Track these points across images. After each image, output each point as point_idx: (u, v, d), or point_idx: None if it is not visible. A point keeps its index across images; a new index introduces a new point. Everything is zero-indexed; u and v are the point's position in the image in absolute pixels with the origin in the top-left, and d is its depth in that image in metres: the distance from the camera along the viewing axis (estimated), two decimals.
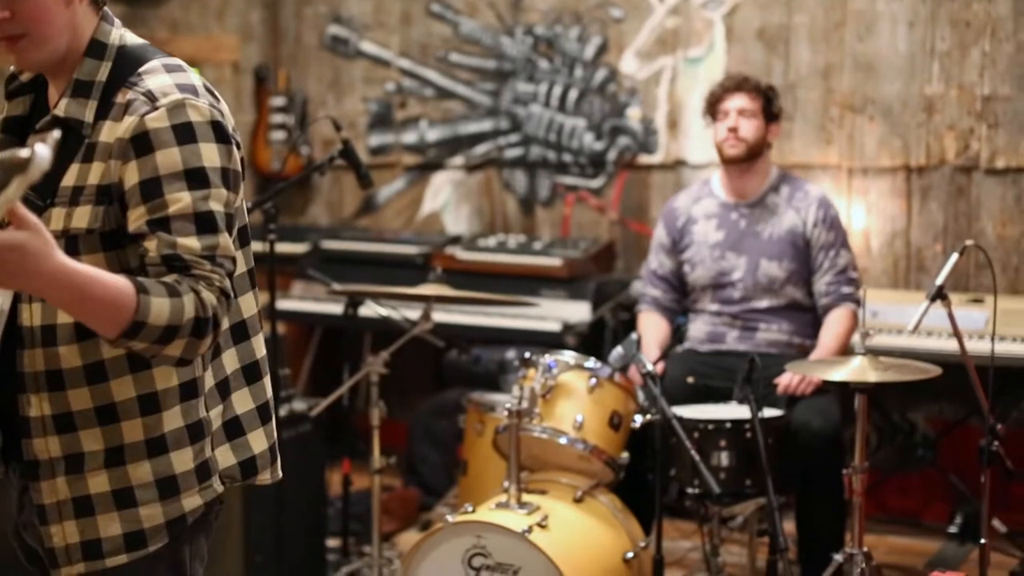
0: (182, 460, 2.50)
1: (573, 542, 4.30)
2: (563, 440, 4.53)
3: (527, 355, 4.69)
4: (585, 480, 4.63)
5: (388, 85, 7.33)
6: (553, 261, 6.46)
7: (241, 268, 2.58)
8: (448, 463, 6.10)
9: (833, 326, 5.20)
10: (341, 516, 5.32)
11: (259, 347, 2.64)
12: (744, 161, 5.30)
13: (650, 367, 4.43)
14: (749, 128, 5.26)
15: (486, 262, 6.60)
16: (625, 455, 4.68)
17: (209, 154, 2.41)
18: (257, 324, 2.65)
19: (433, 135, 7.26)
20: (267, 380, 2.65)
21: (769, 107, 5.30)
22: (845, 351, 5.07)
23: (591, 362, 4.66)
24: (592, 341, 6.19)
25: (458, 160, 7.22)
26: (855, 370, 4.39)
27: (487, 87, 7.11)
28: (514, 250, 6.63)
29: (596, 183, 6.92)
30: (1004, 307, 5.63)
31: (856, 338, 4.54)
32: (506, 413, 4.43)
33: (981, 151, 6.10)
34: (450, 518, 4.31)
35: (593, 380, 4.61)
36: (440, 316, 5.95)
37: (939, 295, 4.54)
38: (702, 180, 5.57)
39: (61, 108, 2.46)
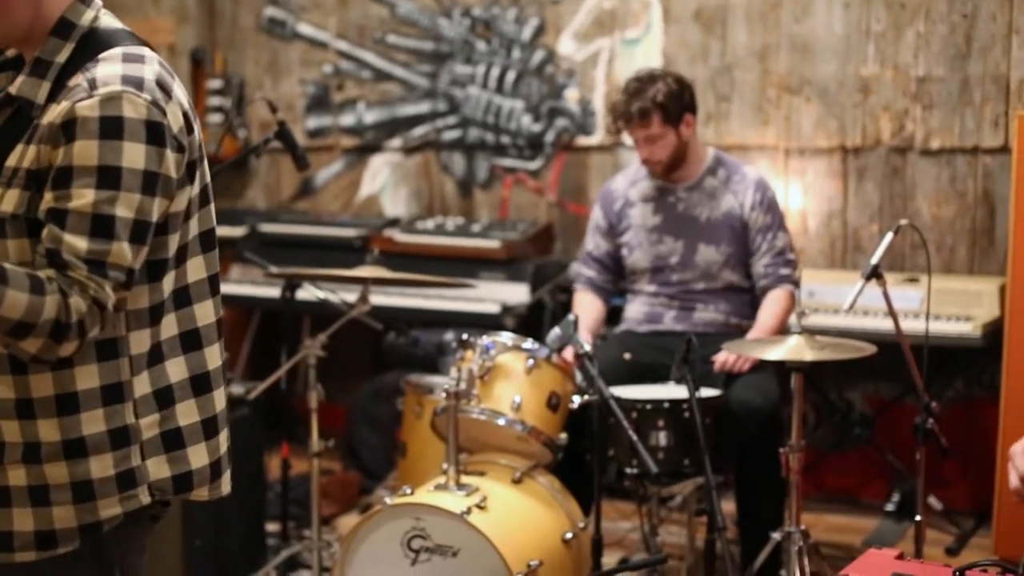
0: (101, 466, 2.40)
1: (512, 523, 4.30)
2: (501, 421, 4.53)
3: (465, 337, 4.68)
4: (524, 461, 4.64)
5: (325, 67, 7.30)
6: (492, 243, 6.46)
7: (200, 274, 2.51)
8: (388, 446, 6.09)
9: (771, 307, 5.22)
10: (280, 500, 5.30)
11: (212, 358, 2.54)
12: (671, 170, 5.31)
13: (587, 348, 4.43)
14: (662, 150, 5.21)
15: (424, 244, 6.60)
16: (563, 436, 4.68)
17: (132, 155, 2.31)
18: (214, 334, 2.55)
19: (371, 117, 7.24)
20: (218, 393, 2.56)
21: (680, 111, 5.22)
22: (782, 331, 5.09)
23: (529, 343, 4.66)
24: (531, 323, 6.20)
25: (396, 142, 7.21)
26: (791, 349, 4.42)
27: (425, 69, 7.10)
28: (452, 232, 6.63)
29: (534, 165, 6.92)
30: (939, 286, 5.68)
31: (793, 318, 4.57)
32: (444, 395, 4.42)
33: (916, 132, 6.14)
34: (389, 500, 4.30)
35: (531, 361, 4.61)
36: (379, 299, 5.94)
37: (874, 274, 4.57)
38: (639, 162, 5.56)
39: (15, 86, 2.41)
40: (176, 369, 2.49)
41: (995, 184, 6.00)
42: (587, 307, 5.39)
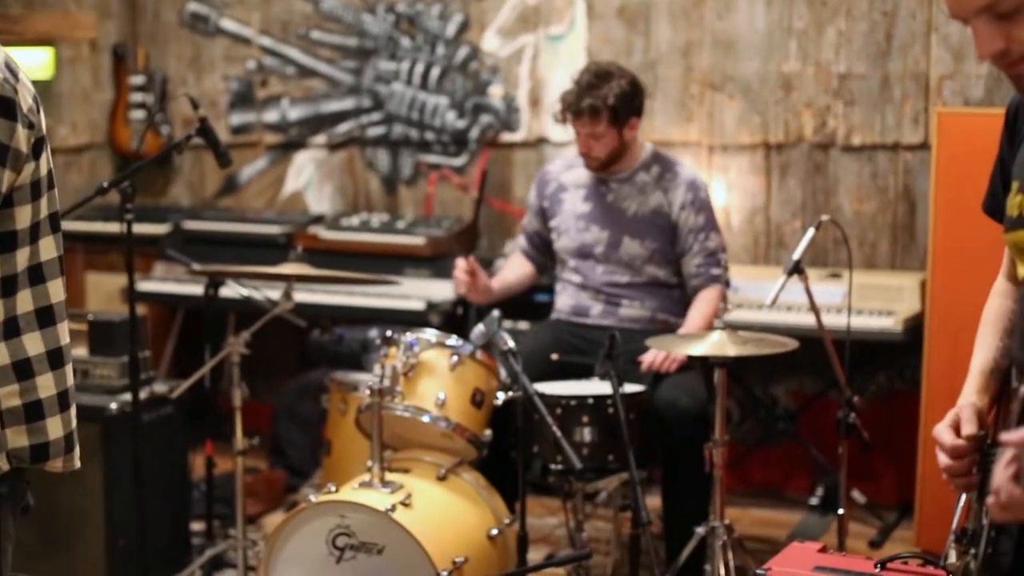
0: None
1: (437, 520, 4.30)
2: (425, 418, 4.53)
3: (388, 334, 4.67)
4: (448, 458, 4.63)
5: (249, 63, 7.27)
6: (416, 240, 6.46)
7: (52, 254, 2.56)
8: (314, 444, 6.06)
9: (701, 306, 5.23)
10: (205, 499, 5.27)
11: (63, 334, 2.60)
12: (606, 167, 5.32)
13: (511, 345, 4.43)
14: (601, 148, 5.22)
15: (349, 241, 6.58)
16: (488, 432, 4.68)
17: None
18: (64, 311, 2.60)
19: (295, 114, 7.21)
20: (68, 368, 2.61)
21: (627, 113, 5.22)
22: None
23: (453, 340, 4.65)
24: (457, 320, 6.20)
25: (320, 139, 7.18)
26: (714, 344, 4.45)
27: (349, 65, 7.08)
28: (377, 229, 6.62)
29: (459, 161, 6.91)
30: (860, 281, 5.73)
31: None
32: (368, 392, 4.41)
33: (838, 128, 6.19)
34: (313, 498, 4.29)
35: (455, 358, 4.60)
36: (304, 296, 5.92)
37: (796, 270, 4.60)
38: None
39: None
40: (33, 343, 2.53)
41: (915, 180, 6.05)
42: (516, 264, 5.50)
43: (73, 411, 2.63)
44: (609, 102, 5.12)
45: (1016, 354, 2.24)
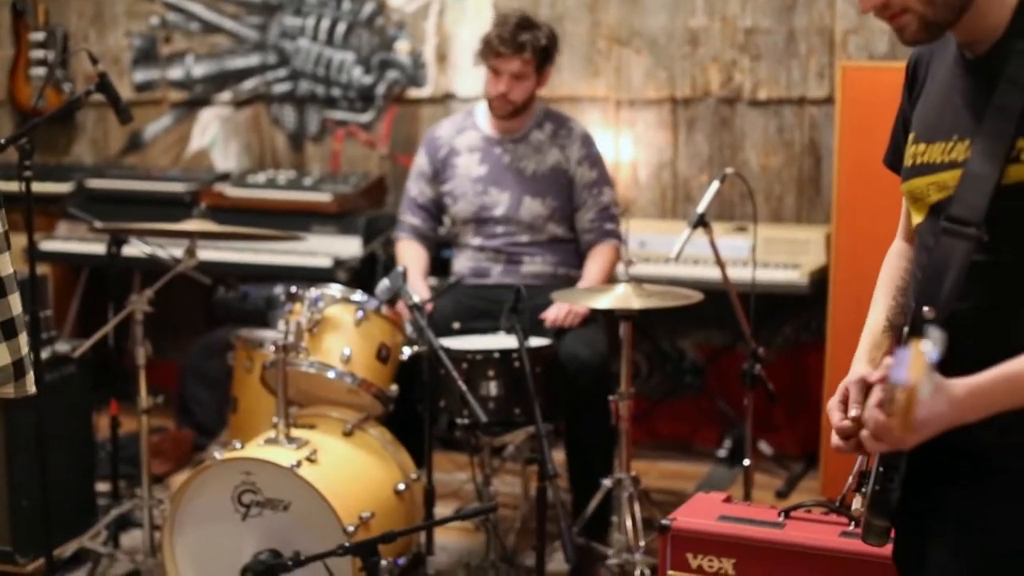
0: None
1: (343, 475, 4.29)
2: (331, 374, 4.50)
3: (293, 290, 4.64)
4: (354, 413, 4.62)
5: (152, 19, 7.17)
6: (323, 197, 6.42)
7: None
8: (220, 402, 6.02)
9: (597, 260, 5.25)
10: (111, 459, 5.22)
11: (4, 266, 2.66)
12: (513, 115, 5.30)
13: (416, 299, 4.42)
14: (520, 91, 5.22)
15: (256, 199, 6.53)
16: (394, 387, 4.67)
17: None
18: (3, 243, 2.66)
19: (200, 70, 7.13)
20: (13, 298, 2.68)
21: (545, 60, 5.26)
22: (610, 281, 5.12)
23: (357, 295, 4.63)
24: (364, 276, 6.18)
25: (226, 96, 7.11)
26: (619, 297, 4.45)
27: (254, 21, 7.00)
28: (284, 186, 6.57)
29: (366, 118, 6.87)
30: (767, 235, 5.77)
31: (621, 267, 4.61)
32: (273, 349, 4.38)
33: (744, 83, 6.21)
34: (218, 455, 4.25)
35: (360, 313, 4.58)
36: (210, 254, 5.87)
37: (700, 222, 4.62)
38: (466, 110, 5.55)
39: None
40: None
41: (821, 134, 6.09)
42: (413, 256, 5.38)
43: (23, 339, 2.69)
44: (541, 43, 5.18)
45: (910, 307, 2.26)
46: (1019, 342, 2.15)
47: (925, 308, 2.22)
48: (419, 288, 5.16)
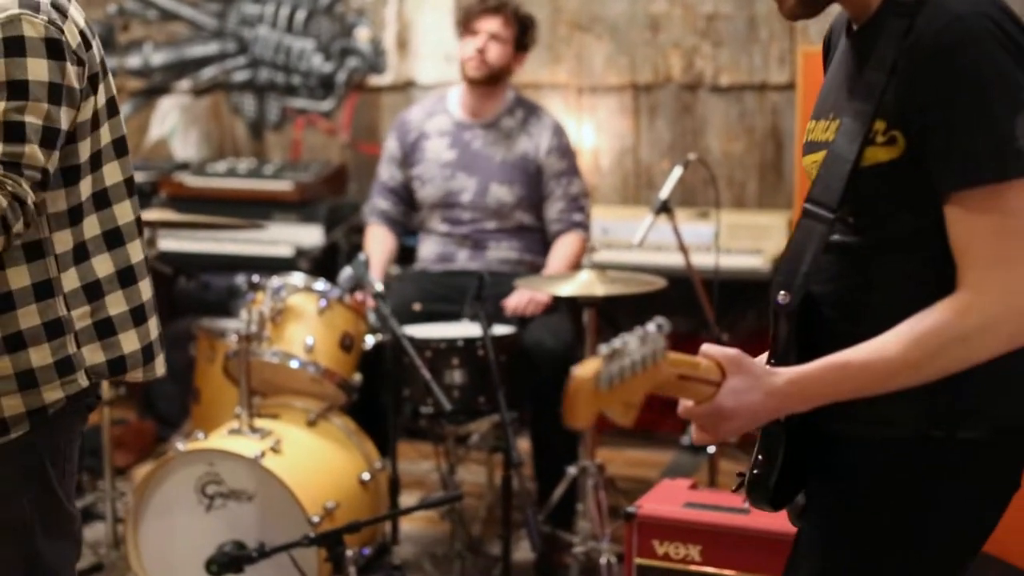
0: (40, 355, 2.66)
1: (307, 466, 4.27)
2: (294, 363, 4.48)
3: (255, 279, 4.61)
4: (318, 403, 4.60)
5: (109, 7, 7.11)
6: (284, 185, 6.38)
7: (117, 178, 2.75)
8: (183, 393, 5.98)
9: (563, 250, 5.23)
10: None
11: (135, 252, 2.79)
12: (484, 84, 5.28)
13: (379, 287, 4.40)
14: (496, 53, 5.21)
15: (216, 188, 6.49)
16: (358, 377, 4.65)
17: (36, 68, 2.54)
18: (134, 230, 2.79)
19: (158, 59, 7.08)
20: (143, 284, 2.80)
21: (522, 36, 5.26)
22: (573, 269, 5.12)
23: (320, 284, 4.61)
24: (326, 264, 6.15)
25: (185, 84, 7.06)
26: (582, 284, 4.45)
27: (213, 8, 6.96)
28: (244, 175, 6.54)
29: (326, 106, 6.84)
30: (730, 221, 5.77)
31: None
32: (235, 338, 4.36)
33: (705, 69, 6.21)
34: (181, 447, 4.23)
35: (323, 302, 4.55)
36: (170, 244, 5.84)
37: (663, 209, 4.61)
38: (438, 95, 5.53)
39: None
40: (102, 265, 2.74)
41: (782, 120, 6.10)
42: (379, 242, 5.35)
43: (152, 323, 2.84)
44: (521, 15, 5.26)
45: (775, 278, 2.26)
46: (878, 324, 2.12)
47: (781, 294, 2.22)
48: (379, 275, 5.15)
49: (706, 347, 2.14)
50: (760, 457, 2.26)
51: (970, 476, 2.21)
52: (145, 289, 2.81)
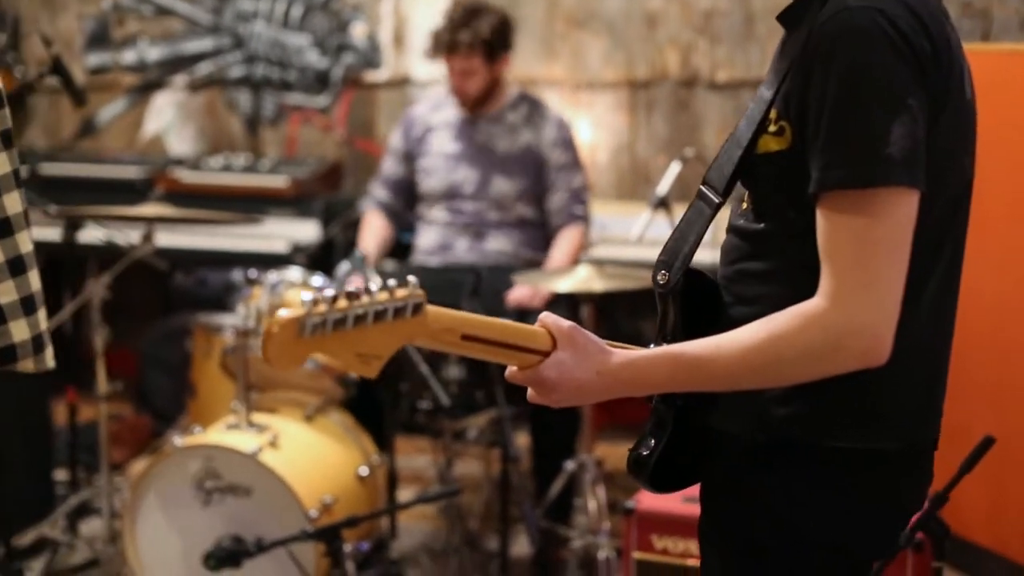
0: None
1: (304, 461, 4.27)
2: None
3: (252, 274, 4.61)
4: (316, 398, 4.59)
5: (104, 2, 7.10)
6: (280, 181, 6.37)
7: (6, 168, 2.62)
8: (179, 388, 5.97)
9: (563, 244, 5.25)
10: (68, 447, 5.17)
11: (24, 242, 2.67)
12: (477, 104, 5.31)
13: (377, 283, 4.39)
14: (473, 84, 5.25)
15: (212, 184, 6.47)
16: None
17: None
18: (23, 221, 2.68)
19: (154, 54, 7.06)
20: (32, 274, 2.68)
21: (498, 45, 5.25)
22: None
23: (317, 279, 4.60)
24: (322, 260, 6.13)
25: (180, 80, 7.05)
26: (580, 280, 4.44)
27: (208, 4, 6.95)
28: (240, 170, 6.52)
29: (322, 101, 6.83)
30: (726, 216, 5.75)
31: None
32: (233, 334, 4.35)
33: (702, 65, 6.21)
34: (178, 442, 4.22)
35: None
36: (167, 239, 5.81)
37: (661, 204, 4.62)
38: (444, 89, 5.54)
39: None
40: None
41: None
42: (375, 229, 5.38)
43: (42, 314, 2.72)
44: (483, 36, 5.17)
45: (659, 257, 2.25)
46: (768, 312, 2.05)
47: (660, 273, 2.21)
48: (370, 252, 5.16)
49: (544, 316, 2.12)
50: (649, 438, 2.23)
51: (839, 486, 2.14)
52: (35, 279, 2.70)
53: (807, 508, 2.14)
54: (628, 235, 5.44)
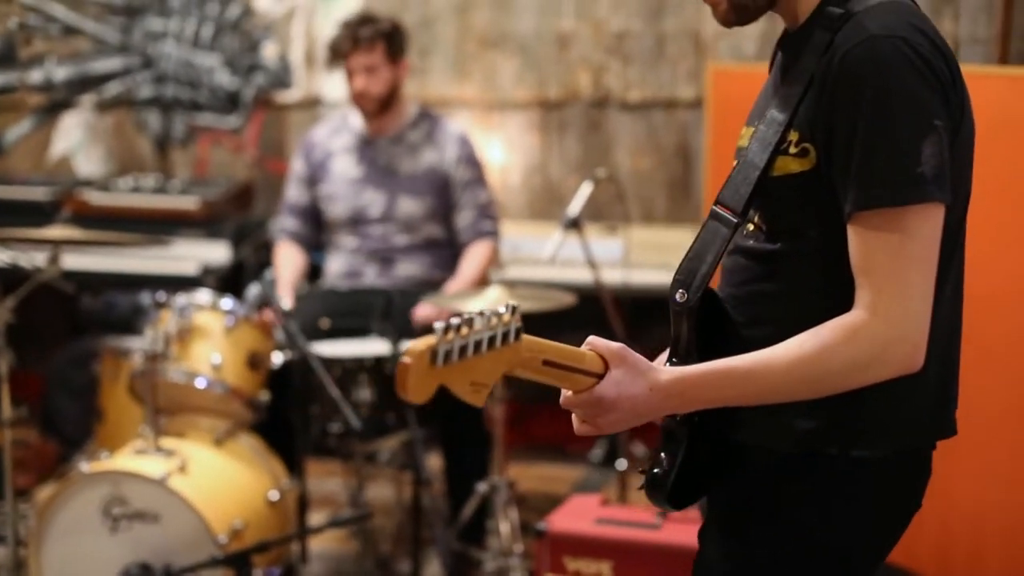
0: None
1: (214, 486, 4.21)
2: (200, 382, 4.42)
3: (160, 297, 4.55)
4: (225, 422, 4.54)
5: (10, 21, 7.00)
6: (190, 202, 6.31)
7: None
8: (87, 413, 5.88)
9: (473, 259, 5.23)
10: None
11: None
12: (380, 110, 5.28)
13: (287, 305, 4.36)
14: (378, 83, 5.22)
15: (121, 205, 6.39)
16: (265, 395, 4.60)
17: None
18: None
19: (61, 74, 6.98)
20: None
21: (392, 48, 5.26)
22: (483, 284, 5.10)
23: (226, 302, 4.56)
24: (232, 282, 6.08)
25: (88, 100, 6.97)
26: (491, 301, 4.42)
27: (117, 23, 6.87)
28: (149, 192, 6.45)
29: (233, 122, 6.77)
30: (639, 237, 5.77)
31: (493, 271, 4.59)
32: (141, 357, 4.29)
33: (614, 86, 6.22)
34: (85, 467, 4.16)
35: (229, 320, 4.51)
36: (74, 261, 5.73)
37: (572, 225, 4.61)
38: (341, 113, 5.51)
39: None
40: None
41: (691, 136, 6.12)
42: (288, 261, 5.33)
43: None
44: (384, 31, 5.22)
45: (676, 277, 2.29)
46: (780, 332, 2.16)
47: (678, 292, 2.24)
48: (284, 295, 5.11)
49: (592, 339, 2.17)
50: (663, 456, 2.27)
51: (864, 494, 2.24)
52: None
53: (832, 515, 2.24)
54: (540, 256, 5.43)
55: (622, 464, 4.95)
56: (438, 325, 1.86)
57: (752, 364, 2.12)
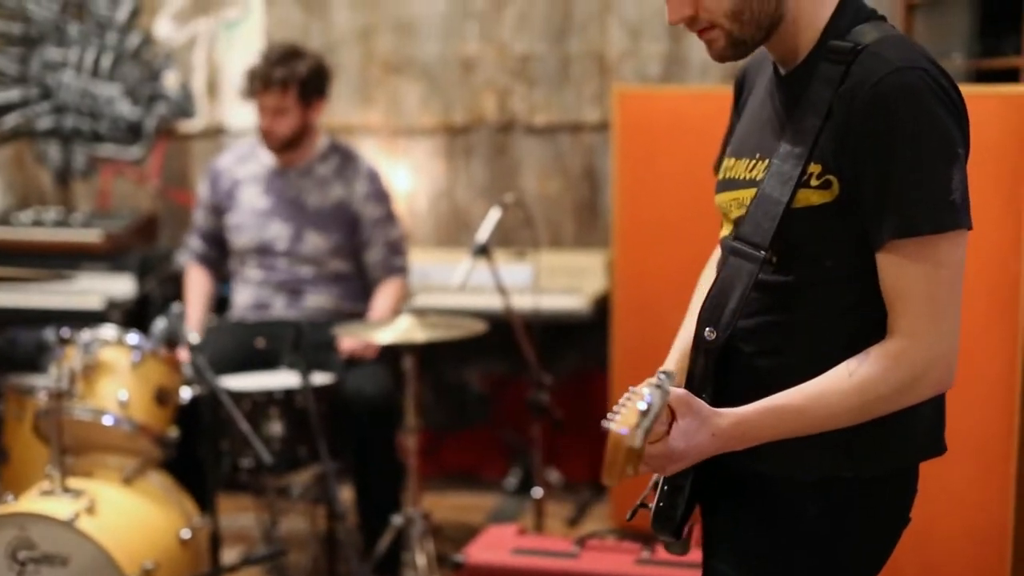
0: None
1: (124, 525, 4.13)
2: (107, 420, 4.34)
3: (64, 333, 4.47)
4: (134, 460, 4.45)
5: None
6: (92, 235, 6.21)
7: None
8: None
9: (384, 297, 5.21)
10: None
11: None
12: (286, 148, 5.23)
13: (195, 339, 4.29)
14: (284, 125, 5.15)
15: (21, 240, 6.28)
16: (174, 431, 4.52)
17: None
18: None
19: None
20: None
21: (313, 88, 5.19)
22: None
23: (132, 337, 4.48)
24: (138, 316, 5.99)
25: None
26: (402, 331, 4.39)
27: (14, 53, 6.76)
28: (51, 225, 6.34)
29: (135, 152, 6.69)
30: (548, 262, 5.76)
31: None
32: (45, 396, 4.21)
33: (520, 109, 6.21)
34: None
35: (136, 355, 4.42)
36: None
37: (482, 251, 4.59)
38: (250, 141, 5.45)
39: None
40: None
41: (597, 159, 6.11)
42: (197, 287, 5.28)
43: None
44: (300, 75, 5.12)
45: (701, 314, 2.30)
46: (796, 363, 2.24)
47: (707, 330, 2.28)
48: (194, 323, 5.05)
49: None
50: (666, 489, 2.31)
51: (870, 511, 2.32)
52: None
53: (847, 535, 2.32)
54: (449, 283, 5.40)
55: (537, 492, 4.92)
56: (640, 405, 1.92)
57: (805, 399, 2.19)
